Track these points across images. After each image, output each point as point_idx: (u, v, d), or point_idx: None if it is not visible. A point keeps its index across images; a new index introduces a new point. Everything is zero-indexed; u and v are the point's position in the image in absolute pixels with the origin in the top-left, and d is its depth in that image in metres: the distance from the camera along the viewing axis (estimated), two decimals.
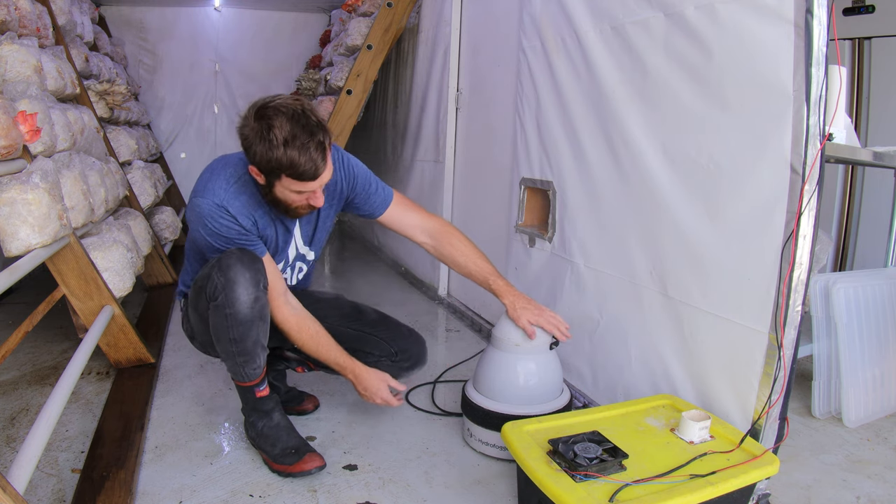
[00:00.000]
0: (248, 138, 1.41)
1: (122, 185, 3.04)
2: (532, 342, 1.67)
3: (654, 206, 1.69)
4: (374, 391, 1.67)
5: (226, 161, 1.61)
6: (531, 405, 1.66)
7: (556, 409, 1.67)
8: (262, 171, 1.45)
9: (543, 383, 1.70)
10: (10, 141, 1.70)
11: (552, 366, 1.72)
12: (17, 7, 2.36)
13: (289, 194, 1.48)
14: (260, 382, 1.63)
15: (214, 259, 1.53)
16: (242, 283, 1.47)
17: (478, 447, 1.72)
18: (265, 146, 1.38)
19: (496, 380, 1.70)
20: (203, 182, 1.56)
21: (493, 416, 1.66)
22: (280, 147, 1.37)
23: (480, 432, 1.70)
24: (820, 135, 1.28)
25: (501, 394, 1.69)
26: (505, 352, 1.70)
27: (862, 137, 3.04)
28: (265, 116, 1.39)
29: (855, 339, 1.93)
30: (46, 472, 1.58)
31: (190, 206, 1.56)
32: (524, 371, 1.68)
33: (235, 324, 1.50)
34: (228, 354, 1.56)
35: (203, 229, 1.54)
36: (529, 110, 2.32)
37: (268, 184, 1.48)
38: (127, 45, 5.34)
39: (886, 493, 1.56)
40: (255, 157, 1.42)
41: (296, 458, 1.59)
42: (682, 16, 1.55)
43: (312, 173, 1.42)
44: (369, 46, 3.64)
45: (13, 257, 1.73)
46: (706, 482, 1.20)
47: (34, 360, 2.34)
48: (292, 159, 1.38)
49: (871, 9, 2.99)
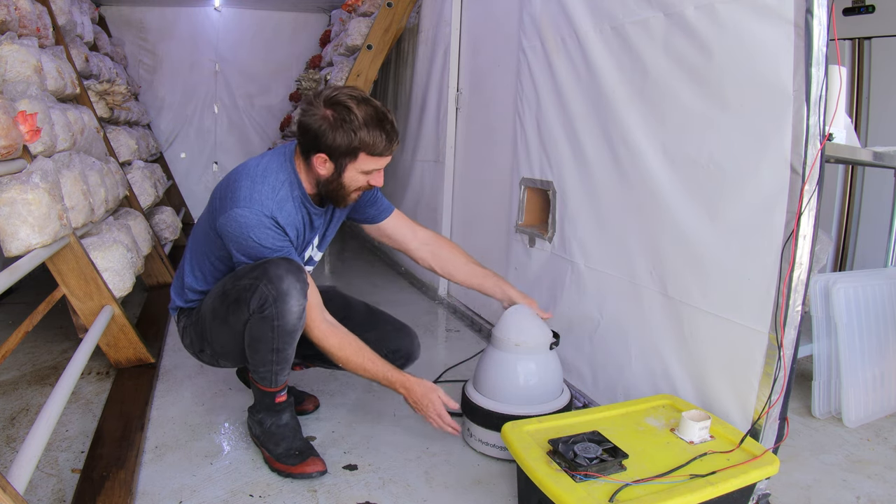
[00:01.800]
0: (322, 127, 1.47)
1: (122, 185, 3.04)
2: (532, 343, 1.67)
3: (654, 206, 1.69)
4: (425, 406, 1.60)
5: (265, 167, 1.56)
6: (531, 405, 1.66)
7: (557, 410, 1.67)
8: (338, 154, 1.50)
9: (543, 383, 1.70)
10: (10, 141, 1.70)
11: (552, 366, 1.72)
12: (17, 7, 2.36)
13: (357, 176, 1.54)
14: (284, 388, 1.64)
15: (253, 269, 1.49)
16: (294, 296, 1.48)
17: (478, 447, 1.72)
18: (347, 128, 1.46)
19: (496, 380, 1.70)
20: (246, 191, 1.51)
21: (494, 416, 1.65)
22: (363, 127, 1.47)
23: (480, 432, 1.70)
24: (820, 135, 1.28)
25: (502, 394, 1.68)
26: (505, 352, 1.70)
27: (862, 137, 3.04)
28: (339, 103, 1.47)
29: (855, 339, 1.93)
30: (46, 472, 1.58)
31: (230, 217, 1.49)
32: (524, 371, 1.68)
33: (283, 334, 1.50)
34: (264, 363, 1.56)
35: (245, 241, 1.50)
36: (529, 110, 2.32)
37: (337, 169, 1.52)
38: (127, 45, 5.34)
39: (886, 493, 1.56)
40: (332, 142, 1.48)
41: (299, 459, 1.59)
42: (682, 16, 1.55)
43: (390, 148, 1.53)
44: (369, 46, 3.64)
45: (13, 257, 1.73)
46: (706, 482, 1.20)
47: (34, 360, 2.34)
48: (374, 137, 1.48)
49: (871, 9, 2.99)
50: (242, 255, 1.53)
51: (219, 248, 1.61)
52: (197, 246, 1.69)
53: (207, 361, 1.75)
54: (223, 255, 1.62)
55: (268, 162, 1.58)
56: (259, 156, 1.64)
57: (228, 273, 1.62)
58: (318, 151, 1.51)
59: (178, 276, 1.77)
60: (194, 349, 1.74)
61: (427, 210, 3.51)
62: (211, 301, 1.62)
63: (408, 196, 3.85)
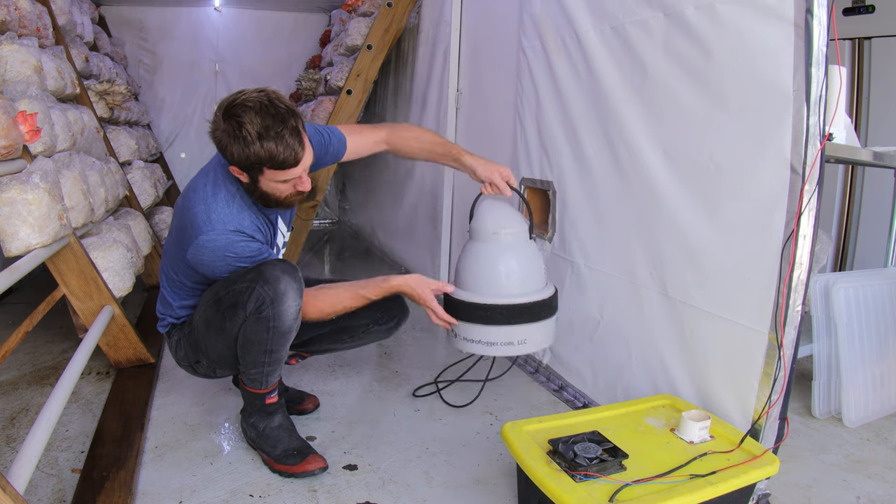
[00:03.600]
0: (222, 140, 1.41)
1: (122, 185, 3.04)
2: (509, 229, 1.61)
3: (654, 206, 1.69)
4: (420, 298, 1.58)
5: (212, 184, 1.53)
6: (516, 297, 1.57)
7: (542, 299, 1.59)
8: (243, 169, 1.44)
9: (526, 272, 1.61)
10: (10, 141, 1.70)
11: (533, 255, 1.64)
12: (17, 7, 2.36)
13: (275, 185, 1.47)
14: (274, 389, 1.64)
15: (247, 272, 1.48)
16: (291, 296, 1.46)
17: (463, 346, 1.63)
18: (241, 144, 1.38)
19: (478, 272, 1.61)
20: (203, 216, 1.48)
21: (477, 307, 1.56)
22: (255, 142, 1.37)
23: (465, 329, 1.60)
24: (820, 135, 1.28)
25: (485, 286, 1.59)
26: (483, 242, 1.62)
27: (862, 137, 3.04)
28: (234, 115, 1.38)
29: (855, 339, 1.93)
30: (46, 472, 1.58)
31: (198, 245, 1.47)
32: (504, 260, 1.60)
33: (277, 336, 1.50)
34: (255, 364, 1.55)
35: (223, 260, 1.49)
36: (529, 110, 2.32)
37: (252, 180, 1.47)
38: (127, 45, 5.33)
39: (886, 493, 1.56)
40: (233, 158, 1.41)
41: (298, 458, 1.59)
42: (682, 16, 1.55)
43: (294, 159, 1.41)
44: (369, 46, 3.64)
45: (13, 257, 1.73)
46: (706, 482, 1.20)
47: (34, 360, 2.34)
48: (270, 151, 1.37)
49: (871, 9, 2.98)
50: (224, 271, 1.51)
51: (194, 274, 1.59)
52: (170, 271, 1.66)
53: (203, 373, 1.73)
54: (200, 279, 1.60)
55: (214, 177, 1.54)
56: (204, 169, 1.59)
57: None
58: (231, 163, 1.45)
59: (161, 297, 1.73)
60: (189, 361, 1.71)
61: (427, 210, 3.51)
62: (203, 311, 1.60)
63: (408, 196, 3.85)
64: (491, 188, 1.71)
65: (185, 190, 1.60)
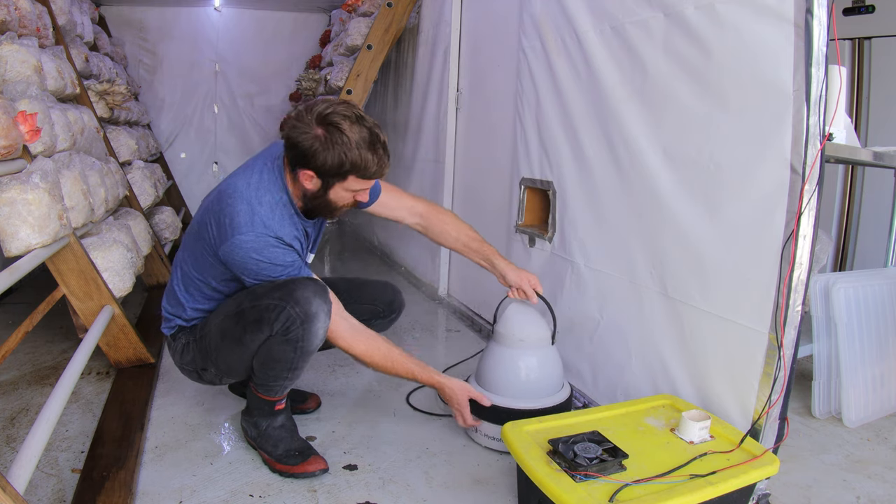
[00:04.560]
0: (313, 146, 1.42)
1: (122, 185, 3.04)
2: (534, 338, 1.73)
3: (654, 206, 1.69)
4: (457, 402, 1.68)
5: (257, 186, 1.52)
6: (534, 399, 1.70)
7: (559, 403, 1.72)
8: (325, 174, 1.46)
9: (546, 377, 1.74)
10: (10, 141, 1.70)
11: (553, 360, 1.77)
12: (17, 7, 2.36)
13: (343, 194, 1.52)
14: (285, 396, 1.64)
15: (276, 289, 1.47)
16: (322, 318, 1.48)
17: (483, 442, 1.74)
18: (338, 150, 1.42)
19: (500, 375, 1.74)
20: (245, 216, 1.47)
21: (499, 410, 1.68)
22: (355, 149, 1.42)
23: (486, 427, 1.72)
24: (820, 135, 1.28)
25: (505, 388, 1.73)
26: (508, 347, 1.74)
27: (862, 137, 3.04)
28: (331, 122, 1.42)
29: (855, 339, 1.93)
30: (46, 472, 1.58)
31: (234, 244, 1.46)
32: (525, 365, 1.73)
33: (303, 355, 1.51)
34: (276, 378, 1.56)
35: (255, 265, 1.48)
36: (529, 110, 2.32)
37: (324, 186, 1.49)
38: (127, 45, 5.34)
39: (886, 493, 1.56)
40: (323, 162, 1.43)
41: (300, 458, 1.59)
42: (682, 16, 1.55)
43: (381, 172, 1.49)
44: (369, 46, 3.64)
45: (13, 257, 1.73)
46: (706, 482, 1.20)
47: (34, 360, 2.34)
48: (366, 160, 1.44)
49: (871, 9, 2.98)
50: (254, 278, 1.51)
51: (221, 273, 1.58)
52: (190, 269, 1.63)
53: (208, 380, 1.72)
54: (227, 278, 1.59)
55: (258, 180, 1.53)
56: (246, 170, 1.57)
57: (233, 292, 1.60)
58: (306, 168, 1.47)
59: (170, 296, 1.70)
60: (195, 367, 1.69)
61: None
62: (221, 320, 1.59)
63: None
64: (518, 293, 1.80)
65: (221, 189, 1.57)
